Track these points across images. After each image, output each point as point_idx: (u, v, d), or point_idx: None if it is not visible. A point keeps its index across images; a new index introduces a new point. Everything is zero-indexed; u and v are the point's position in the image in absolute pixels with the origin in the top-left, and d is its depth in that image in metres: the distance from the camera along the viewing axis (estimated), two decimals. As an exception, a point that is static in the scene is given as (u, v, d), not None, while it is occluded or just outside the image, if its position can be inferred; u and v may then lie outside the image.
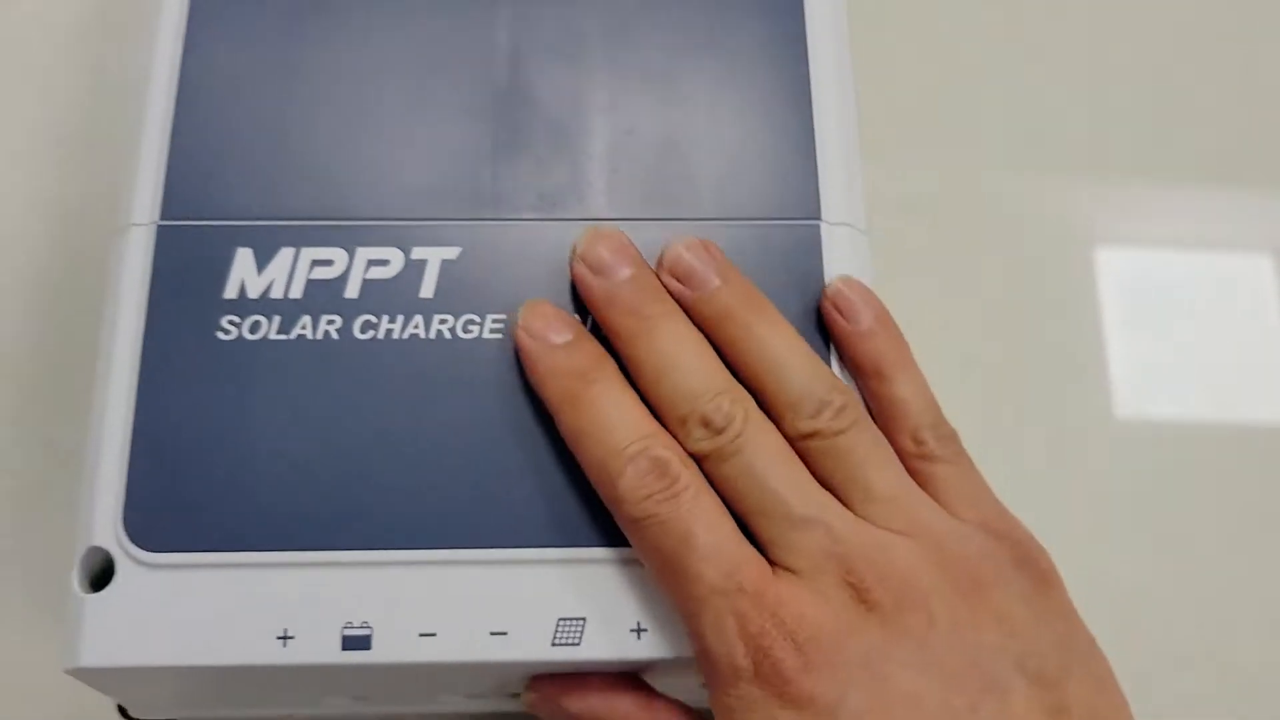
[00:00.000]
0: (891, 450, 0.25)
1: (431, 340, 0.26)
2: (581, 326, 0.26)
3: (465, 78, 0.28)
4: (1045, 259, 0.42)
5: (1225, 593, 0.37)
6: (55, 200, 0.38)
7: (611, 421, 0.24)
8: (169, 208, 0.26)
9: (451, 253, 0.26)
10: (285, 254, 0.26)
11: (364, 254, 0.26)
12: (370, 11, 0.28)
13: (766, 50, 0.29)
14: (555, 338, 0.25)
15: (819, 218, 0.27)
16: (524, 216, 0.27)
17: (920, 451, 0.25)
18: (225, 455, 0.25)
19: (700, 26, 0.29)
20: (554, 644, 0.24)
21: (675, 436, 0.24)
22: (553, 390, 0.25)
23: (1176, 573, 0.37)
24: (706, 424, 0.24)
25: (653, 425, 0.24)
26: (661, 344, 0.25)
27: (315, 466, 0.25)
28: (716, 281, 0.25)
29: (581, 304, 0.26)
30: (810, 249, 0.27)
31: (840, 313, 0.26)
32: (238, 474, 0.25)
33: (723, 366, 0.25)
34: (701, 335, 0.25)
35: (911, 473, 0.25)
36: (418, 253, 0.26)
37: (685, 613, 0.23)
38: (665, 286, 0.26)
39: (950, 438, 0.26)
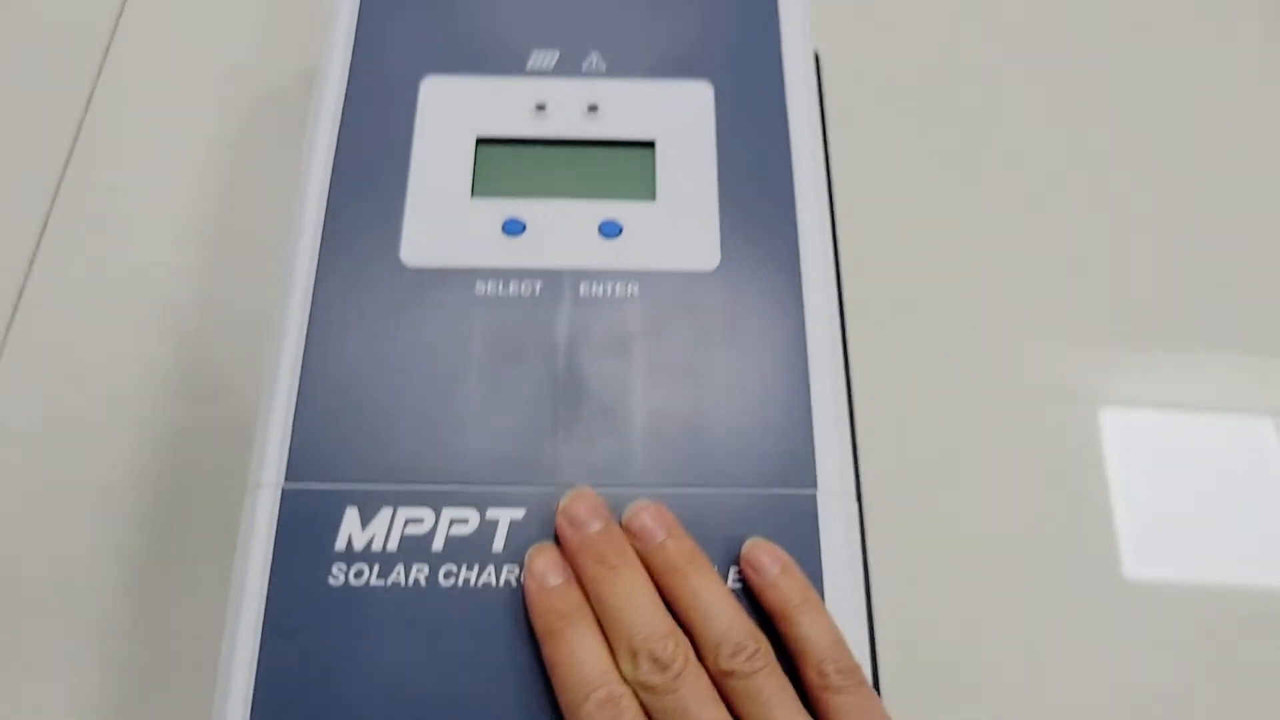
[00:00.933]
0: (794, 694, 0.30)
1: (500, 588, 0.32)
2: (572, 574, 0.32)
3: (532, 368, 0.35)
4: (1049, 423, 0.46)
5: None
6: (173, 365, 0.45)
7: (581, 658, 0.30)
8: (291, 472, 0.33)
9: (519, 514, 0.33)
10: (384, 513, 0.32)
11: (448, 514, 0.32)
12: (459, 314, 0.35)
13: (774, 344, 0.35)
14: (550, 580, 0.31)
15: (816, 487, 0.33)
16: (573, 484, 0.33)
17: (824, 684, 0.30)
18: (333, 681, 0.30)
19: (719, 325, 0.36)
20: None
21: (624, 667, 0.30)
22: (540, 623, 0.31)
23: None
24: (654, 660, 0.29)
25: (611, 665, 0.30)
26: (620, 588, 0.31)
27: (405, 692, 0.30)
28: (661, 537, 0.32)
29: None
30: (809, 514, 0.33)
31: (752, 567, 0.32)
32: (343, 694, 0.30)
33: (668, 614, 0.31)
34: (653, 585, 0.31)
35: (817, 703, 0.30)
36: (491, 513, 0.32)
37: None
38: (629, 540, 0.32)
39: (851, 671, 0.30)
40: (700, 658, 0.30)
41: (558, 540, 0.32)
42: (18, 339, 0.48)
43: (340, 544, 0.32)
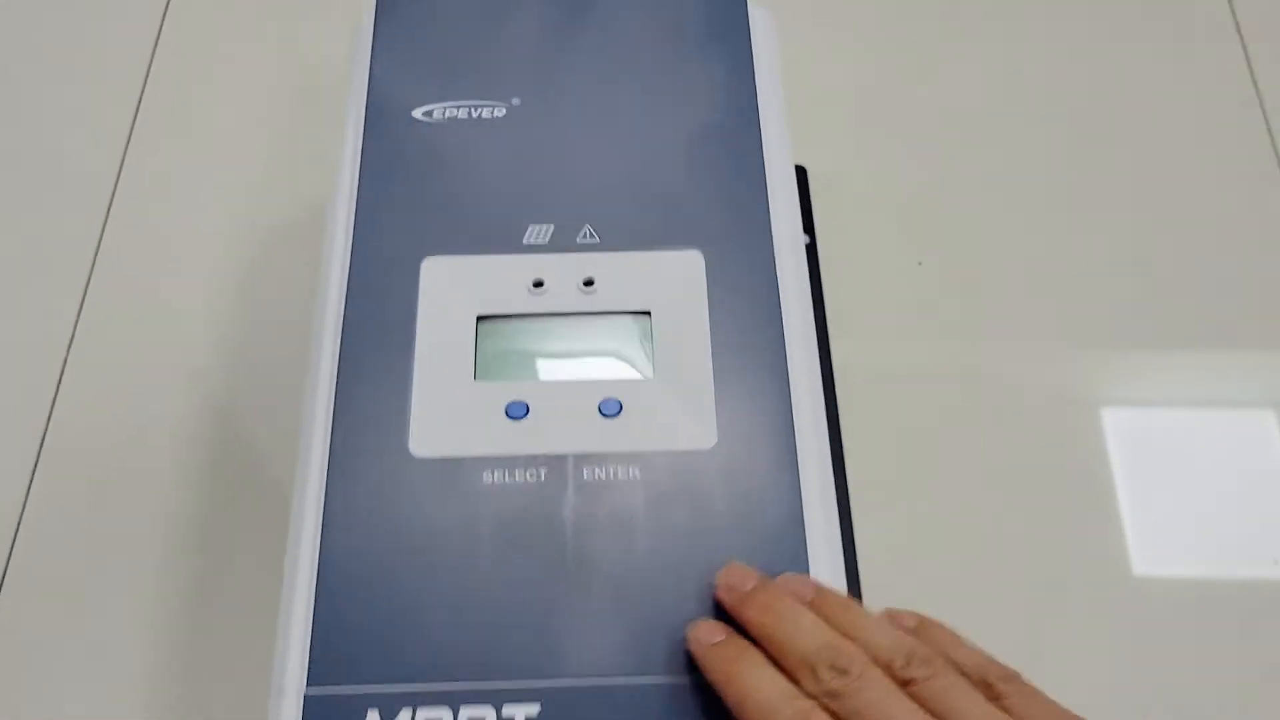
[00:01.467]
0: (969, 684, 0.32)
1: (520, 783, 0.33)
2: (732, 630, 0.34)
3: (540, 558, 0.36)
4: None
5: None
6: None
7: (760, 686, 0.32)
8: (313, 676, 0.34)
9: (533, 709, 0.34)
10: (404, 714, 0.34)
11: (465, 712, 0.34)
12: (469, 506, 0.36)
13: (771, 521, 0.37)
14: (715, 637, 0.34)
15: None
16: (586, 677, 0.34)
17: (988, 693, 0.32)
18: None
19: (719, 505, 0.37)
20: None
21: (807, 685, 0.31)
22: (715, 675, 0.33)
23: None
24: (833, 666, 0.31)
25: (792, 687, 0.31)
26: (786, 620, 0.33)
27: None
28: (813, 593, 0.34)
29: None
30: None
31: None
32: None
33: (835, 631, 0.33)
34: (815, 615, 0.33)
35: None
36: (508, 709, 0.34)
37: None
38: None
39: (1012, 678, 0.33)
40: None
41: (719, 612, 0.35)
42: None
43: (363, 748, 0.33)
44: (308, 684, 0.34)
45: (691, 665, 0.34)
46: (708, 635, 0.34)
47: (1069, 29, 0.63)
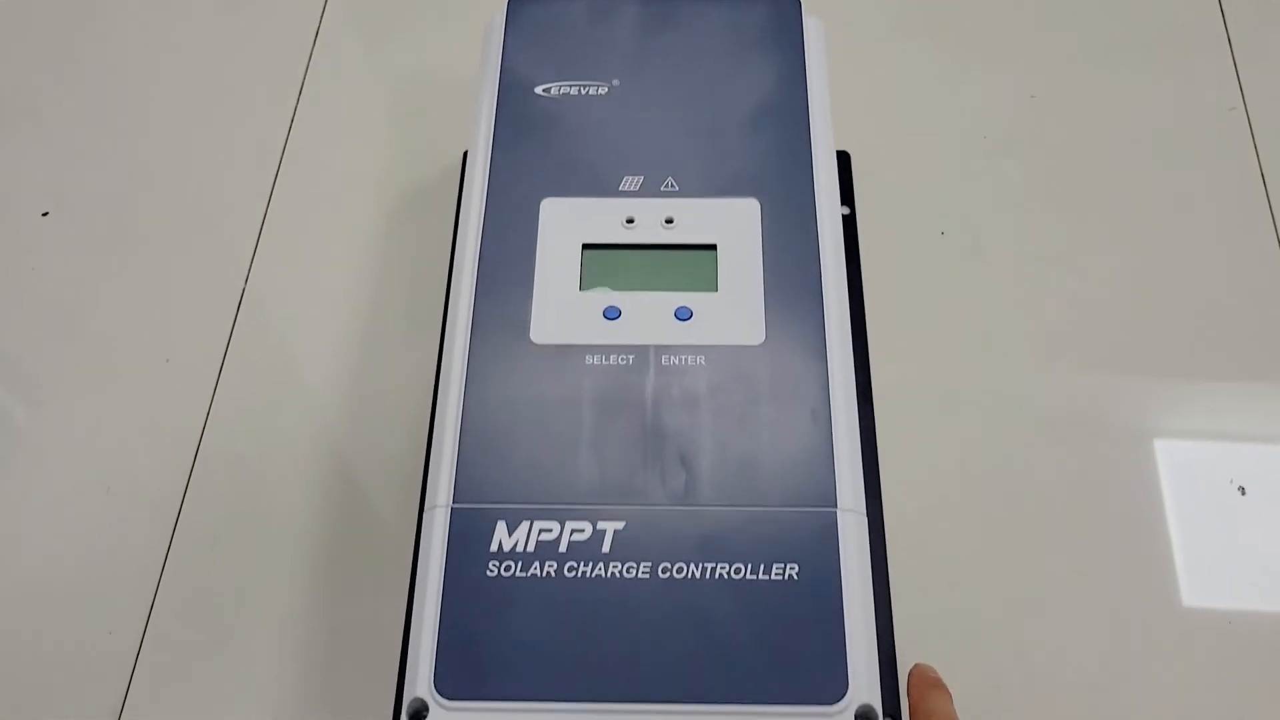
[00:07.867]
0: None
1: (607, 579, 0.44)
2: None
3: (627, 419, 0.47)
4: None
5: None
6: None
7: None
8: (457, 496, 0.46)
9: (620, 524, 0.45)
10: (524, 525, 0.45)
11: (570, 525, 0.45)
12: (575, 379, 0.48)
13: (805, 398, 0.48)
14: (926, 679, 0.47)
15: (835, 505, 0.46)
16: (658, 504, 0.46)
17: None
18: (490, 640, 0.43)
19: (764, 386, 0.48)
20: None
21: None
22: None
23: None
24: None
25: None
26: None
27: (538, 646, 0.43)
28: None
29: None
30: (829, 528, 0.45)
31: None
32: (497, 647, 0.43)
33: None
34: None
35: None
36: (601, 524, 0.45)
37: None
38: None
39: None
40: None
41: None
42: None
43: (494, 547, 0.45)
44: (454, 501, 0.46)
45: (729, 500, 0.46)
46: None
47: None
